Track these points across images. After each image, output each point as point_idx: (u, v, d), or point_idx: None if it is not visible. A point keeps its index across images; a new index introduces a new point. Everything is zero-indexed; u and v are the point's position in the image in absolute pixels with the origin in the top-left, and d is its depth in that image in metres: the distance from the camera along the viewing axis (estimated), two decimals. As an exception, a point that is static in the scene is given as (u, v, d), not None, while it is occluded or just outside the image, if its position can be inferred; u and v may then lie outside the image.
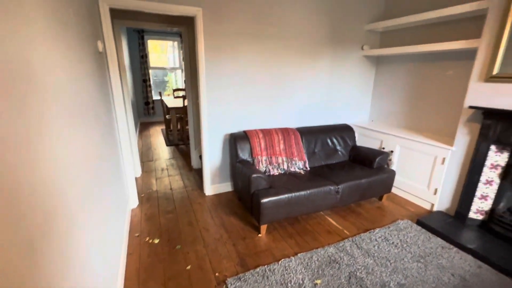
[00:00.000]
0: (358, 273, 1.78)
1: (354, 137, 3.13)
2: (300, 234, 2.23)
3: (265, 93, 2.89)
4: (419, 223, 2.37)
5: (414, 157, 2.73)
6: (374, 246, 2.06)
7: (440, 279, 1.75)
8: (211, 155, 2.83)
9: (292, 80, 3.00)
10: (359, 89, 3.49)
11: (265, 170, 2.60)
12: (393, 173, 2.67)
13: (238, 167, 2.48)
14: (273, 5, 2.64)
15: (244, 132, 2.71)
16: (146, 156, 4.23)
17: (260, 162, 2.60)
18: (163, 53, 7.08)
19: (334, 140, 3.03)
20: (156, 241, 2.12)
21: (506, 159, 2.11)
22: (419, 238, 2.16)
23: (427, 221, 2.34)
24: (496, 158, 2.13)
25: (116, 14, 2.94)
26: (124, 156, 2.48)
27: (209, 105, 2.66)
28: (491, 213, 2.21)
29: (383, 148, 3.04)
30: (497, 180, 2.17)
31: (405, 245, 2.08)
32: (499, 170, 2.15)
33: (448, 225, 2.29)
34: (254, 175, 2.16)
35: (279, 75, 2.90)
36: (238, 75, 2.69)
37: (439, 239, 2.16)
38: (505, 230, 2.09)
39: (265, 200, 2.06)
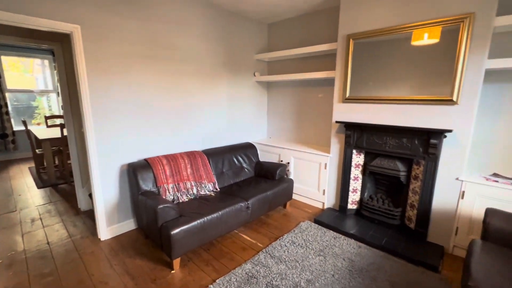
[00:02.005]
0: (274, 282, 1.89)
1: (257, 154, 3.41)
2: (216, 258, 2.18)
3: (166, 118, 2.76)
4: (316, 221, 2.77)
5: (305, 165, 3.22)
6: (284, 252, 2.25)
7: (336, 265, 2.08)
8: (105, 191, 2.41)
9: (194, 104, 3.01)
10: (256, 110, 3.88)
11: (173, 198, 2.44)
12: (291, 181, 3.05)
13: (141, 200, 2.22)
14: (165, 28, 2.63)
15: (145, 160, 2.48)
16: (4, 207, 3.15)
17: (167, 190, 2.42)
18: (28, 73, 5.67)
19: (240, 158, 3.20)
20: (26, 320, 1.58)
21: (363, 159, 2.81)
22: (317, 235, 2.52)
23: (321, 219, 2.77)
24: (357, 159, 2.80)
25: None
26: (-37, 212, 1.77)
27: (98, 134, 2.30)
28: (361, 202, 2.85)
29: (281, 161, 3.44)
30: (360, 176, 2.84)
31: (308, 244, 2.37)
32: (360, 168, 2.83)
33: (335, 218, 2.79)
34: (161, 206, 1.99)
35: (180, 99, 2.86)
36: (133, 100, 2.48)
37: (331, 231, 2.59)
38: (370, 213, 2.73)
39: (175, 231, 1.91)
